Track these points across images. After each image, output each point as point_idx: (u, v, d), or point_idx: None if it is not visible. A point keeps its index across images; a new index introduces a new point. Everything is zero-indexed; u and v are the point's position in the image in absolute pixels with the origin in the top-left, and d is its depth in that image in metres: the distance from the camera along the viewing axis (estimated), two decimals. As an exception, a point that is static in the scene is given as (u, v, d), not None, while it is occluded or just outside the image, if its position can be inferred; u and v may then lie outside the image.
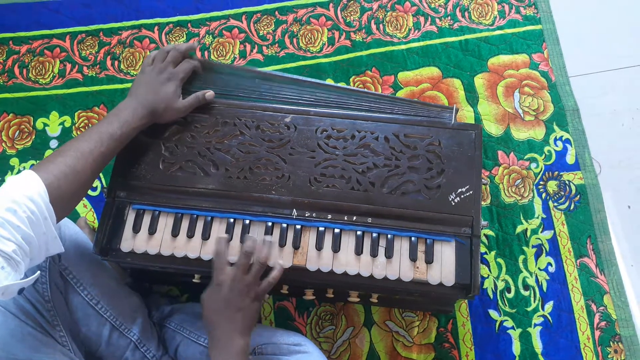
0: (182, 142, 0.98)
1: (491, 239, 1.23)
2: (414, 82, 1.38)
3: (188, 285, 1.10)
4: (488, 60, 1.40)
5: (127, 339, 0.96)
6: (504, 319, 1.17)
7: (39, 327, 0.84)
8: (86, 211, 1.27)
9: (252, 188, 0.95)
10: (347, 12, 1.47)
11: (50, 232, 0.72)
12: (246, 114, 1.00)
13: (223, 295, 0.85)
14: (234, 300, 0.84)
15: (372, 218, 0.94)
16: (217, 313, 0.85)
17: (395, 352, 1.15)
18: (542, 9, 1.46)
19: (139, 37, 1.46)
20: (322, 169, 0.96)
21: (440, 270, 0.91)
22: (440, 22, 1.45)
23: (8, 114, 1.38)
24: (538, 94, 1.36)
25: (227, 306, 0.84)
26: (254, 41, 1.44)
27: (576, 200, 1.26)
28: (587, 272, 1.20)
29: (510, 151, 1.31)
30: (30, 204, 0.69)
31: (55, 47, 1.45)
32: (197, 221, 0.94)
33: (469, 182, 0.96)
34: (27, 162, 1.32)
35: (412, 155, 0.98)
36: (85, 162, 0.80)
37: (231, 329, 0.84)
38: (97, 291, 0.94)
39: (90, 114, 1.37)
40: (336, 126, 1.00)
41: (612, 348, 1.14)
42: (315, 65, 1.41)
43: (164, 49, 1.00)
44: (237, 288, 0.85)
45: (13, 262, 0.65)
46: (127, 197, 0.95)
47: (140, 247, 0.93)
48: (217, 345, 0.84)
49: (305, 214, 0.94)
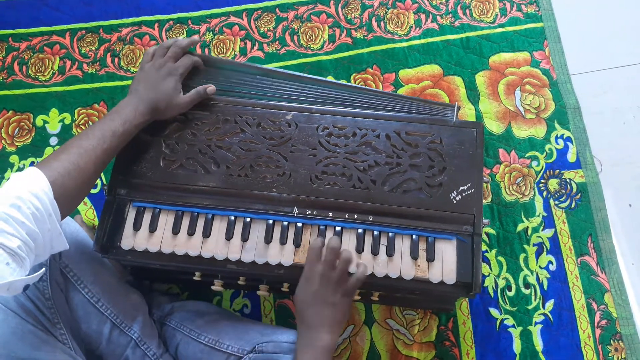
0: (182, 140, 0.98)
1: (492, 237, 1.23)
2: (415, 79, 1.38)
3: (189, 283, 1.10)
4: (489, 58, 1.40)
5: (127, 337, 0.96)
6: (505, 317, 1.17)
7: (40, 325, 0.83)
8: (86, 209, 1.26)
9: (253, 186, 0.95)
10: (348, 10, 1.47)
11: (55, 229, 0.72)
12: (247, 111, 1.00)
13: (313, 289, 0.86)
14: (323, 294, 0.85)
15: (373, 216, 0.94)
16: (308, 305, 0.86)
17: (395, 350, 1.15)
18: (544, 6, 1.45)
19: (139, 34, 1.45)
20: (324, 166, 0.96)
21: (441, 269, 0.91)
22: (441, 20, 1.45)
23: (8, 111, 1.37)
24: (539, 91, 1.36)
25: (315, 300, 0.85)
26: (254, 38, 1.44)
27: (577, 198, 1.26)
28: (588, 270, 1.20)
29: (512, 149, 1.30)
30: (35, 201, 0.69)
31: (55, 44, 1.45)
32: (197, 219, 0.94)
33: (470, 180, 0.95)
34: (27, 159, 1.32)
35: (414, 153, 0.97)
36: (88, 159, 0.80)
37: (319, 323, 0.85)
38: (98, 289, 0.94)
39: (90, 111, 1.37)
40: (337, 124, 0.99)
41: (612, 346, 1.14)
42: (316, 63, 1.40)
43: (164, 44, 0.99)
44: (325, 282, 0.85)
45: (18, 258, 0.65)
46: (128, 194, 0.95)
47: (140, 245, 0.93)
48: (303, 340, 0.85)
49: (307, 212, 0.94)
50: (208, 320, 1.02)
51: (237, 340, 0.96)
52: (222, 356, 0.94)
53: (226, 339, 0.96)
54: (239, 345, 0.95)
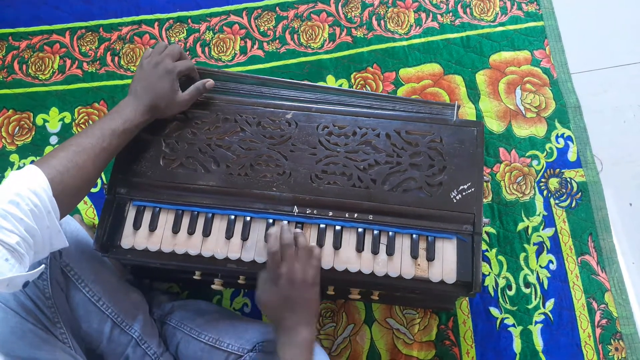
0: (182, 139, 0.98)
1: (492, 237, 1.22)
2: (415, 78, 1.38)
3: (189, 282, 1.10)
4: (490, 56, 1.39)
5: (128, 336, 0.96)
6: (505, 317, 1.16)
7: (40, 324, 0.84)
8: (86, 208, 1.26)
9: (253, 185, 0.95)
10: (348, 8, 1.46)
11: (54, 226, 0.72)
12: (247, 110, 1.00)
13: (283, 293, 0.83)
14: (293, 295, 0.83)
15: (374, 215, 0.94)
16: (281, 310, 0.84)
17: (395, 349, 1.15)
18: (544, 5, 1.45)
19: (139, 33, 1.45)
20: (324, 165, 0.96)
21: (441, 268, 0.91)
22: (441, 19, 1.45)
23: (8, 109, 1.37)
24: (540, 90, 1.36)
25: (287, 303, 0.83)
26: (254, 37, 1.44)
27: (577, 197, 1.26)
28: (588, 269, 1.20)
29: (512, 148, 1.30)
30: (34, 197, 0.69)
31: (55, 43, 1.45)
32: (197, 218, 0.94)
33: (470, 179, 0.95)
34: (27, 158, 1.32)
35: (414, 152, 0.97)
36: (87, 157, 0.80)
37: (295, 322, 0.83)
38: (99, 288, 0.94)
39: (90, 110, 1.37)
40: (337, 123, 0.99)
41: (613, 346, 1.14)
42: (317, 62, 1.40)
43: (161, 43, 0.99)
44: (292, 283, 0.83)
45: (17, 254, 0.65)
46: (128, 193, 0.95)
47: (140, 244, 0.93)
48: (282, 339, 0.83)
49: (307, 211, 0.94)
50: (208, 319, 1.02)
51: (237, 339, 0.96)
52: (222, 355, 0.94)
53: (226, 338, 0.96)
54: (239, 344, 0.95)
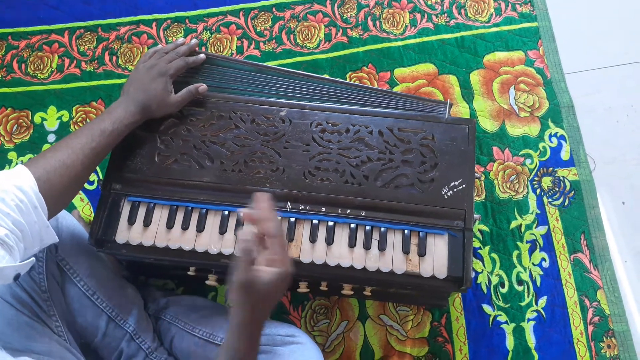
0: (177, 135, 0.99)
1: (485, 234, 1.23)
2: (410, 78, 1.39)
3: (183, 278, 1.11)
4: (484, 57, 1.41)
5: (123, 330, 0.96)
6: (498, 314, 1.17)
7: (35, 316, 0.85)
8: (83, 205, 1.27)
9: (246, 181, 0.96)
10: (344, 9, 1.48)
11: (42, 221, 0.73)
12: (242, 107, 1.01)
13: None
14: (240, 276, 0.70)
15: (366, 211, 0.95)
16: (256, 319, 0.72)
17: (389, 346, 1.15)
18: (538, 6, 1.46)
19: (137, 33, 1.47)
20: (317, 162, 0.97)
21: (432, 263, 0.92)
22: (436, 19, 1.46)
23: (6, 108, 1.39)
24: (533, 90, 1.37)
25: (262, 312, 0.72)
26: (251, 37, 1.45)
27: (570, 196, 1.27)
28: (581, 267, 1.21)
29: (505, 147, 1.31)
30: (19, 193, 0.70)
31: (54, 42, 1.46)
32: (191, 213, 0.95)
33: (462, 176, 0.96)
34: (25, 156, 1.33)
35: (406, 149, 0.98)
36: (75, 157, 0.81)
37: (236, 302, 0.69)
38: (94, 282, 0.95)
39: (87, 108, 1.38)
40: (331, 120, 1.00)
41: (605, 343, 1.15)
42: (312, 62, 1.41)
43: (164, 49, 1.01)
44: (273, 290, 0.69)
45: (6, 246, 0.66)
46: (123, 189, 0.96)
47: (135, 239, 0.94)
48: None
49: (300, 207, 0.95)
50: (203, 314, 1.03)
51: (231, 334, 0.96)
52: (216, 349, 0.95)
53: (220, 332, 0.97)
54: (233, 338, 0.95)
